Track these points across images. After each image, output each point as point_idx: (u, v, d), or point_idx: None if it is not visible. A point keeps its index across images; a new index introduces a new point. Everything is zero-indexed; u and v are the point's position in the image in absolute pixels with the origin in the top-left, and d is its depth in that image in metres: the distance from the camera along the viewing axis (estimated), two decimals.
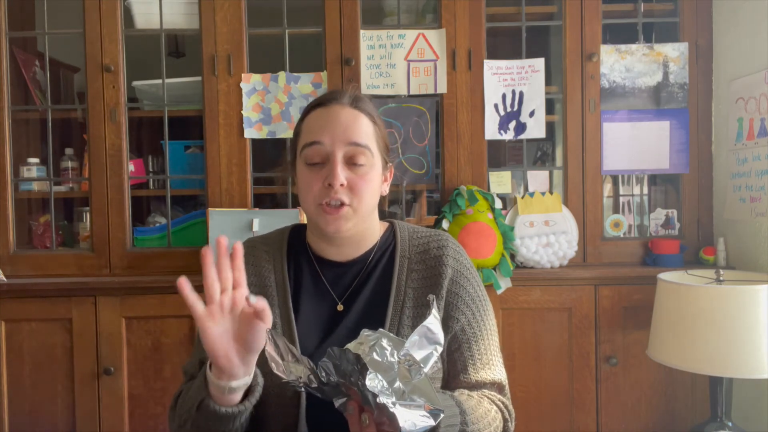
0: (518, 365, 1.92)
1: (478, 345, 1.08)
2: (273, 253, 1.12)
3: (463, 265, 1.10)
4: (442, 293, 1.06)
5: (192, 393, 0.94)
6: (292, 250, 1.13)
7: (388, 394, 0.76)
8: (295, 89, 2.04)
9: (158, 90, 2.09)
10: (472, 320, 1.08)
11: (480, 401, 1.01)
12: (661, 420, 1.94)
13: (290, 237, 1.15)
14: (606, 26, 2.07)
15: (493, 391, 1.07)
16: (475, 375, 1.06)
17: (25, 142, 2.19)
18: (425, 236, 1.12)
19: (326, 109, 1.04)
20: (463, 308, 1.07)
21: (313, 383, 0.80)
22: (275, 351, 0.82)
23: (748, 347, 1.51)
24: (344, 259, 1.09)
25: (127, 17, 2.06)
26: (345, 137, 1.01)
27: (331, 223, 1.01)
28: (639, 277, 1.93)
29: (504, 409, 1.05)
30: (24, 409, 1.93)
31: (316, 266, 1.10)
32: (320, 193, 1.01)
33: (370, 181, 1.03)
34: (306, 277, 1.09)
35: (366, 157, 1.02)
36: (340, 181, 0.99)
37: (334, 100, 1.05)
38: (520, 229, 2.00)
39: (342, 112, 1.03)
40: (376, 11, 2.27)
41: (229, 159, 2.03)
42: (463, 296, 1.07)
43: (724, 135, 2.02)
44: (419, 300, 1.06)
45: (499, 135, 2.05)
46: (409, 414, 0.76)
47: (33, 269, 2.03)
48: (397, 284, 1.07)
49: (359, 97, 1.06)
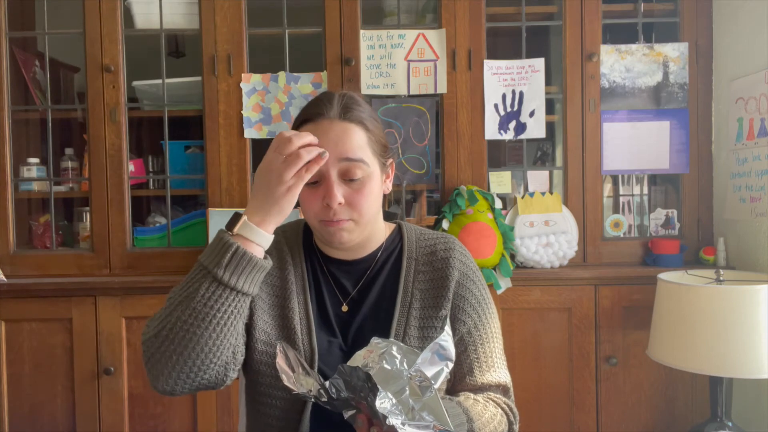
0: (518, 365, 1.92)
1: (484, 348, 1.08)
2: (292, 246, 1.12)
3: (470, 268, 1.11)
4: (448, 295, 1.06)
5: (212, 250, 0.91)
6: (305, 245, 1.13)
7: (397, 413, 0.77)
8: (295, 89, 2.04)
9: (158, 90, 2.09)
10: (478, 323, 1.08)
11: (486, 406, 1.02)
12: (661, 420, 1.94)
13: (304, 232, 1.15)
14: (606, 26, 2.07)
15: (498, 394, 1.07)
16: (481, 377, 1.07)
17: (25, 142, 2.19)
18: (432, 238, 1.12)
19: (314, 126, 1.00)
20: (469, 311, 1.07)
21: (322, 397, 0.81)
22: (286, 363, 0.83)
23: (748, 347, 1.51)
24: (350, 258, 1.10)
25: (127, 17, 2.06)
26: (337, 154, 0.98)
27: (334, 236, 1.01)
28: (639, 277, 1.93)
29: (509, 411, 1.06)
30: (24, 409, 1.93)
31: (324, 265, 1.10)
32: (320, 212, 1.00)
33: (368, 194, 1.01)
34: (316, 275, 1.10)
35: (361, 170, 0.99)
36: (337, 200, 0.98)
37: (322, 114, 1.00)
38: (520, 229, 2.00)
39: (331, 127, 0.99)
40: (376, 11, 2.27)
41: (229, 159, 2.03)
42: (470, 299, 1.08)
43: (724, 135, 2.02)
44: (426, 302, 1.06)
45: (499, 135, 2.05)
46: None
47: (33, 269, 2.03)
48: (404, 285, 1.07)
49: (348, 105, 1.02)
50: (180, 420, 1.93)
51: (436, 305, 1.06)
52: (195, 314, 0.89)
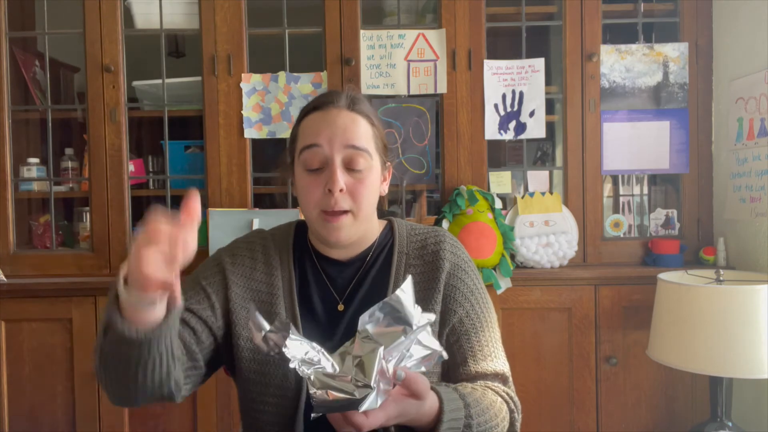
0: (518, 365, 1.92)
1: (478, 336, 1.07)
2: (281, 249, 1.11)
3: (461, 259, 1.10)
4: (439, 287, 1.06)
5: (102, 316, 0.83)
6: (297, 247, 1.12)
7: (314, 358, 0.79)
8: (295, 89, 2.04)
9: (158, 90, 2.09)
10: (470, 312, 1.07)
11: (484, 392, 1.00)
12: (661, 420, 1.94)
13: (296, 233, 1.14)
14: (606, 26, 2.07)
15: (496, 383, 1.05)
16: (475, 367, 1.05)
17: (25, 142, 2.19)
18: (423, 232, 1.12)
19: (323, 113, 1.02)
20: (461, 300, 1.07)
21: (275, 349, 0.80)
22: (254, 324, 0.82)
23: (748, 347, 1.51)
24: (344, 257, 1.09)
25: (127, 17, 2.06)
26: (343, 140, 1.00)
27: (332, 233, 1.01)
28: (639, 277, 1.93)
29: (509, 400, 1.04)
30: (24, 409, 1.93)
31: (318, 264, 1.09)
32: (321, 200, 1.00)
33: (369, 186, 1.02)
34: (310, 275, 1.09)
35: (365, 161, 1.01)
36: (339, 186, 0.98)
37: (331, 103, 1.03)
38: (520, 229, 2.00)
39: (339, 115, 1.02)
40: (376, 11, 2.27)
41: (229, 159, 2.03)
42: (461, 288, 1.07)
43: (724, 135, 2.02)
44: (418, 294, 1.04)
45: (499, 135, 2.05)
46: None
47: (33, 269, 2.03)
48: (395, 280, 1.07)
49: (356, 98, 1.05)
50: (180, 420, 1.93)
51: (427, 298, 1.05)
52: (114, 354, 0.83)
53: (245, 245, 1.12)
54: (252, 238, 1.14)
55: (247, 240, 1.14)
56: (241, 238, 1.16)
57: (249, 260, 1.09)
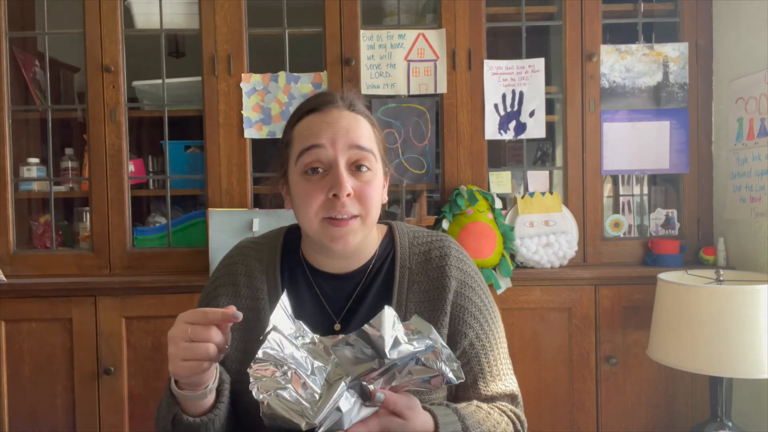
0: (518, 365, 1.89)
1: (488, 357, 1.03)
2: (266, 262, 1.04)
3: (468, 275, 1.03)
4: (446, 309, 1.00)
5: (163, 411, 0.91)
6: (285, 259, 1.04)
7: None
8: (295, 89, 2.04)
9: (158, 90, 2.09)
10: (480, 333, 1.02)
11: (490, 413, 0.97)
12: (661, 420, 1.94)
13: (284, 243, 1.07)
14: (606, 26, 2.07)
15: (505, 401, 1.03)
16: (485, 389, 1.02)
17: (25, 142, 2.19)
18: (426, 242, 1.05)
19: (322, 114, 0.96)
20: (470, 321, 1.01)
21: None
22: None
23: (748, 347, 1.51)
24: (342, 271, 1.02)
25: (127, 17, 2.06)
26: (347, 141, 0.93)
27: (338, 240, 0.93)
28: (639, 277, 1.93)
29: (516, 420, 1.02)
30: (24, 409, 1.93)
31: (312, 279, 1.02)
32: (324, 206, 0.92)
33: (376, 188, 0.96)
34: (302, 292, 1.01)
35: (370, 162, 0.95)
36: (347, 190, 0.91)
37: (331, 103, 0.97)
38: (520, 229, 2.00)
39: (341, 116, 0.95)
40: (376, 11, 2.27)
41: (229, 159, 2.03)
42: (470, 308, 1.01)
43: (724, 135, 2.02)
44: (422, 315, 0.98)
45: (499, 135, 2.05)
46: None
47: (33, 269, 2.03)
48: (397, 298, 1.00)
49: (355, 99, 0.99)
50: None
51: (433, 319, 0.99)
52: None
53: (225, 271, 1.06)
54: (233, 259, 1.07)
55: (226, 265, 1.07)
56: (221, 263, 1.09)
57: (231, 288, 1.03)
